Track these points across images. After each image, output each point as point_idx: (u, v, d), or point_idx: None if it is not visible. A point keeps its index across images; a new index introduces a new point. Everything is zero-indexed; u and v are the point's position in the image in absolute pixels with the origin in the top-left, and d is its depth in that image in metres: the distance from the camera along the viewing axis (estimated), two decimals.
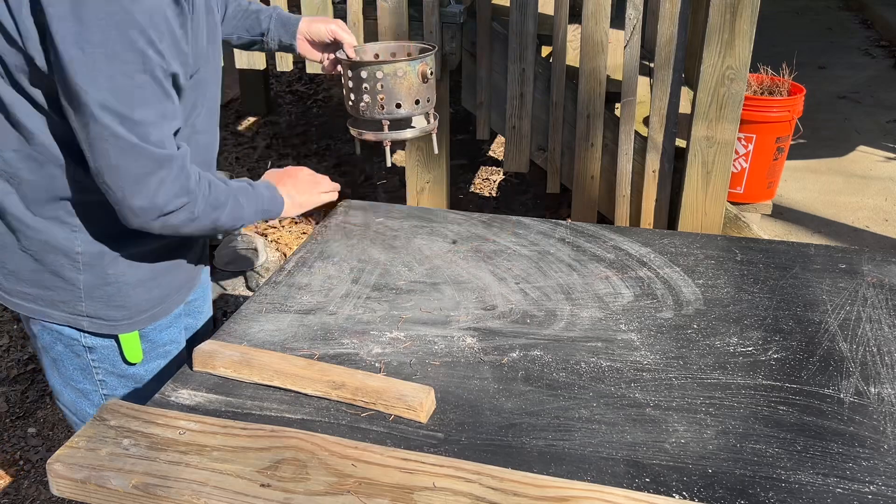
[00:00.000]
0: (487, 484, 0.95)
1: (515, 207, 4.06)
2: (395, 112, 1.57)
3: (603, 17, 2.87)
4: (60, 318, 1.32)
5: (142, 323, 1.36)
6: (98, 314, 1.32)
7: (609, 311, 1.37)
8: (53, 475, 1.00)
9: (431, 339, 1.29)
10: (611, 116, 3.04)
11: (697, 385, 1.17)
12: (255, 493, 0.95)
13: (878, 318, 1.34)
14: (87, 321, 1.32)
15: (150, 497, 0.96)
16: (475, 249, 1.59)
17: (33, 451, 2.55)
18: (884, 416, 1.10)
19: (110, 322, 1.33)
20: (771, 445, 1.05)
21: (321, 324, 1.34)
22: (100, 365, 1.37)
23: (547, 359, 1.24)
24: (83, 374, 1.39)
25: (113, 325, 1.34)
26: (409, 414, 1.09)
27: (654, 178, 3.00)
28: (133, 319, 1.35)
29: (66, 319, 1.32)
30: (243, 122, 5.27)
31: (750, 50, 2.68)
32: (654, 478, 0.99)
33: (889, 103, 5.05)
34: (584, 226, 1.69)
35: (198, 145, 1.33)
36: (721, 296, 1.41)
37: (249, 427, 1.06)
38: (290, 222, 4.03)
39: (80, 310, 1.31)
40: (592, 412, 1.12)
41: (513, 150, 3.24)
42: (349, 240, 1.64)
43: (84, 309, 1.31)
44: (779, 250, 1.58)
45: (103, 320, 1.33)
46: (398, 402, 1.10)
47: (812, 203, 3.80)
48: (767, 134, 3.16)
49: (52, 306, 1.31)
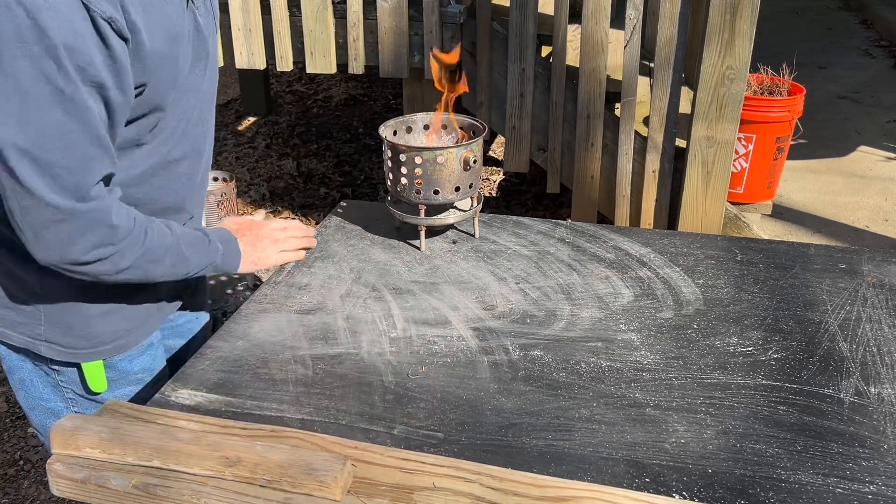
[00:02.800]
0: (487, 484, 0.95)
1: (515, 207, 4.06)
2: (433, 198, 1.52)
3: (603, 17, 2.87)
4: (19, 341, 1.26)
5: (104, 353, 1.29)
6: (57, 340, 1.26)
7: (609, 311, 1.37)
8: (53, 475, 1.00)
9: (431, 339, 1.29)
10: (611, 116, 3.04)
11: (697, 385, 1.17)
12: (255, 494, 0.95)
13: (878, 318, 1.34)
14: (45, 346, 1.26)
15: (150, 497, 0.96)
16: (475, 249, 1.59)
17: (33, 451, 2.55)
18: (884, 416, 1.10)
19: (69, 350, 1.27)
20: (771, 445, 1.05)
21: (321, 324, 1.34)
22: (68, 386, 1.32)
23: (547, 359, 1.24)
24: (54, 392, 1.33)
25: (73, 353, 1.27)
26: (320, 491, 0.94)
27: (654, 178, 3.00)
28: (96, 349, 1.28)
29: (25, 343, 1.26)
30: (243, 122, 5.27)
31: (750, 50, 2.68)
32: (654, 478, 0.99)
33: (889, 103, 5.05)
34: (584, 226, 1.69)
35: (175, 177, 1.26)
36: (721, 296, 1.41)
37: (249, 427, 1.06)
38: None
39: (38, 333, 1.25)
40: (592, 412, 1.12)
41: (513, 150, 3.24)
42: (349, 240, 1.64)
43: (42, 333, 1.25)
44: (779, 250, 1.58)
45: (62, 347, 1.26)
46: (307, 479, 0.94)
47: (812, 203, 3.80)
48: (767, 134, 3.16)
49: (11, 327, 1.26)
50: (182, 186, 1.29)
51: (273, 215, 4.07)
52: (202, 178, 1.36)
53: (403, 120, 1.63)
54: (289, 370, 1.22)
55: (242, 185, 4.35)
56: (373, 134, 4.91)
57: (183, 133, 1.24)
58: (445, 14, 3.13)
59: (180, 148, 1.24)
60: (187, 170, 1.29)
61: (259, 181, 4.42)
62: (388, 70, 3.23)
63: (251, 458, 0.97)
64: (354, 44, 3.22)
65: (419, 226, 1.57)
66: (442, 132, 1.65)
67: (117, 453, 1.01)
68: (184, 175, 1.28)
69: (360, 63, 3.27)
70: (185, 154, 1.26)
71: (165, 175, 1.24)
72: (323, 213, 4.07)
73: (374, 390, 1.17)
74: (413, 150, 1.48)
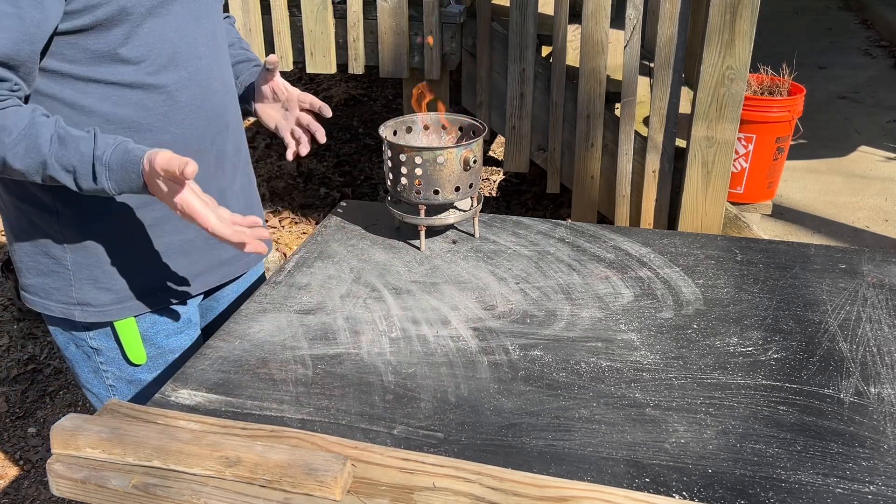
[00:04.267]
0: (487, 484, 0.95)
1: (515, 207, 4.06)
2: (432, 198, 1.52)
3: (603, 17, 2.87)
4: (57, 310, 1.33)
5: (133, 309, 1.34)
6: (87, 300, 1.31)
7: (609, 311, 1.37)
8: (53, 475, 1.00)
9: (431, 339, 1.29)
10: (611, 116, 3.04)
11: (697, 385, 1.17)
12: (254, 494, 0.95)
13: (878, 318, 1.34)
14: (78, 310, 1.32)
15: (150, 497, 0.96)
16: (475, 249, 1.59)
17: (33, 451, 2.55)
18: (884, 416, 1.10)
19: (99, 308, 1.32)
20: (771, 445, 1.05)
21: (321, 324, 1.34)
22: (108, 368, 1.37)
23: (547, 359, 1.24)
24: (95, 377, 1.39)
25: (102, 312, 1.32)
26: (320, 491, 0.94)
27: (654, 178, 3.00)
28: (123, 304, 1.33)
29: (62, 311, 1.32)
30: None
31: (750, 50, 2.68)
32: (654, 478, 0.99)
33: (889, 103, 5.05)
34: (584, 226, 1.69)
35: (177, 106, 1.26)
36: (721, 296, 1.41)
37: (249, 427, 1.06)
38: (290, 222, 4.03)
39: (71, 296, 1.31)
40: (592, 412, 1.12)
41: (513, 150, 3.24)
42: (349, 240, 1.64)
43: (75, 295, 1.31)
44: (779, 250, 1.58)
45: (92, 307, 1.32)
46: (307, 479, 0.95)
47: (812, 203, 3.80)
48: (767, 134, 3.16)
49: (49, 296, 1.32)
50: (187, 117, 1.29)
51: (273, 215, 4.07)
52: (216, 113, 1.34)
53: (403, 120, 1.63)
54: (289, 370, 1.22)
55: None
56: (373, 134, 4.91)
57: (171, 57, 1.24)
58: (445, 14, 3.14)
59: (170, 74, 1.25)
60: (189, 100, 1.29)
61: (259, 181, 4.43)
62: (388, 70, 3.23)
63: (251, 458, 0.97)
64: (354, 44, 3.22)
65: (419, 226, 1.57)
66: (442, 132, 1.65)
67: (117, 453, 1.01)
68: (186, 105, 1.28)
69: (360, 63, 3.27)
70: (180, 83, 1.26)
71: (162, 101, 1.24)
72: (323, 213, 4.07)
73: (374, 390, 1.17)
74: (413, 150, 1.48)
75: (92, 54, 1.17)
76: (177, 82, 1.26)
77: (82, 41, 1.16)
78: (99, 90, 1.20)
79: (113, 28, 1.17)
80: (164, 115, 1.26)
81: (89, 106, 1.20)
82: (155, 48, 1.22)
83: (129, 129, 1.23)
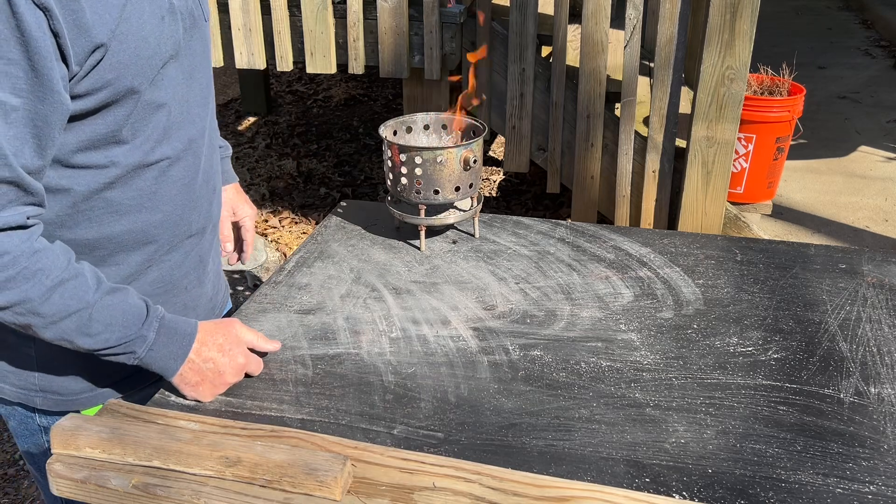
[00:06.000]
0: (487, 484, 0.95)
1: (515, 207, 4.06)
2: (432, 198, 1.52)
3: (603, 17, 2.87)
4: (11, 394, 1.16)
5: (106, 396, 1.18)
6: (53, 388, 1.15)
7: (609, 311, 1.37)
8: (53, 475, 1.00)
9: (431, 339, 1.29)
10: (611, 116, 3.05)
11: (697, 385, 1.17)
12: (254, 494, 0.95)
13: (878, 318, 1.34)
14: (40, 397, 1.15)
15: (150, 497, 0.96)
16: (475, 249, 1.59)
17: None
18: (884, 416, 1.10)
19: (67, 397, 1.16)
20: (771, 445, 1.05)
21: (321, 324, 1.34)
22: None
23: (547, 359, 1.24)
24: (43, 457, 1.21)
25: (71, 401, 1.17)
26: (320, 491, 0.94)
27: (654, 178, 3.00)
28: (95, 391, 1.17)
29: (17, 396, 1.16)
30: (243, 122, 5.27)
31: (750, 50, 2.68)
32: (654, 478, 0.99)
33: (889, 103, 5.05)
34: (584, 226, 1.69)
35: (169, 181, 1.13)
36: (721, 296, 1.41)
37: (249, 427, 1.06)
38: (290, 222, 4.03)
39: (32, 382, 1.15)
40: (592, 412, 1.12)
41: (513, 150, 3.24)
42: (349, 240, 1.64)
43: (37, 381, 1.14)
44: (779, 250, 1.58)
45: (59, 395, 1.16)
46: (307, 479, 0.94)
47: (812, 203, 3.80)
48: (767, 134, 3.16)
49: (2, 378, 1.15)
50: (178, 194, 1.16)
51: (273, 215, 4.08)
52: (204, 186, 1.22)
53: (403, 120, 1.63)
54: (289, 370, 1.22)
55: (242, 185, 4.34)
56: (373, 134, 4.91)
57: (165, 130, 1.10)
58: (445, 14, 3.14)
59: (164, 147, 1.11)
60: (182, 174, 1.16)
61: (259, 181, 4.43)
62: (388, 70, 3.23)
63: (251, 458, 0.97)
64: (354, 44, 3.22)
65: (419, 226, 1.57)
66: (442, 132, 1.65)
67: (117, 453, 1.00)
68: (178, 181, 1.15)
69: (360, 63, 3.27)
70: (175, 155, 1.14)
71: (153, 179, 1.12)
72: (323, 213, 4.07)
73: (374, 390, 1.17)
74: (413, 150, 1.48)
75: (88, 138, 1.03)
76: (171, 156, 1.13)
77: (79, 126, 1.02)
78: (88, 175, 1.06)
79: (115, 109, 1.03)
80: (154, 194, 1.13)
81: (67, 186, 1.05)
82: (151, 122, 1.07)
83: (115, 213, 1.10)
